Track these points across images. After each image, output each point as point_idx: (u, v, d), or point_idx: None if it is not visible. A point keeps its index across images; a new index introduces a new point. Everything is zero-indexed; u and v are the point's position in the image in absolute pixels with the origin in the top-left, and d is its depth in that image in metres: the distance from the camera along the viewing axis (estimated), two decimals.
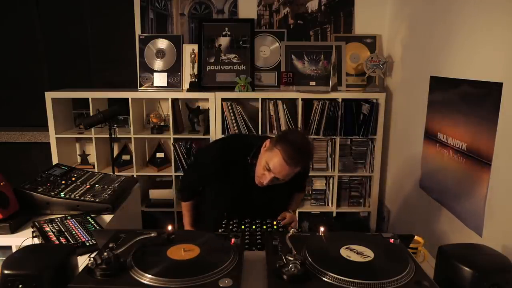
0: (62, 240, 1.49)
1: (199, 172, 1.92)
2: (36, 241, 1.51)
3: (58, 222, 1.62)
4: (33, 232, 1.54)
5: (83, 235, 1.53)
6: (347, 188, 3.15)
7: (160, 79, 3.13)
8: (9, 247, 1.56)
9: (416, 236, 1.41)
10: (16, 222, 1.62)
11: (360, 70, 3.12)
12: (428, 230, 2.26)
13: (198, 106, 3.16)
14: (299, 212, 3.16)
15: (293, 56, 3.14)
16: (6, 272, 1.02)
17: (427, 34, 2.37)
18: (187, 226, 1.97)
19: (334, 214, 3.16)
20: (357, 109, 2.99)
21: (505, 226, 1.56)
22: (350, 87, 3.14)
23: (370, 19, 3.17)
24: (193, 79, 3.07)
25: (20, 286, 1.01)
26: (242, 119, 2.97)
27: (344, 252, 1.12)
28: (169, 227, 1.21)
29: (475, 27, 1.83)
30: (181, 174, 3.02)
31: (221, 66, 3.11)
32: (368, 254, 1.11)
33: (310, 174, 3.09)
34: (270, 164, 1.57)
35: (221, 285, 0.96)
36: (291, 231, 1.24)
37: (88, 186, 1.93)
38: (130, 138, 3.04)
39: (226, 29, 3.12)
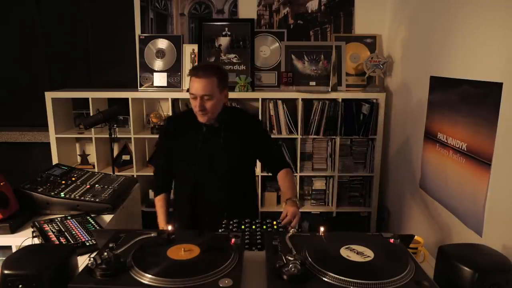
0: (62, 240, 1.49)
1: (160, 146, 2.01)
2: (36, 241, 1.51)
3: (58, 222, 1.62)
4: (33, 232, 1.54)
5: (83, 235, 1.53)
6: (347, 188, 3.15)
7: (160, 79, 3.13)
8: (9, 247, 1.56)
9: (416, 236, 1.41)
10: (16, 222, 1.63)
11: (360, 70, 3.12)
12: (428, 230, 2.26)
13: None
14: None
15: (293, 56, 3.14)
16: (6, 272, 1.02)
17: (427, 34, 2.37)
18: (161, 222, 1.89)
19: (334, 214, 3.16)
20: (357, 109, 2.99)
21: (505, 226, 1.56)
22: (350, 87, 3.14)
23: (370, 19, 3.17)
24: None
25: (20, 286, 1.01)
26: None
27: (344, 252, 1.12)
28: (169, 227, 1.21)
29: (475, 27, 1.83)
30: None
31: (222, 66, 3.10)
32: (368, 254, 1.11)
33: (310, 174, 3.11)
34: (191, 90, 1.73)
35: (221, 285, 0.96)
36: (291, 231, 1.24)
37: (88, 186, 1.93)
38: (130, 138, 3.04)
39: (226, 29, 3.12)
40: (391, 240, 1.21)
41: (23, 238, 1.52)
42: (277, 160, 2.00)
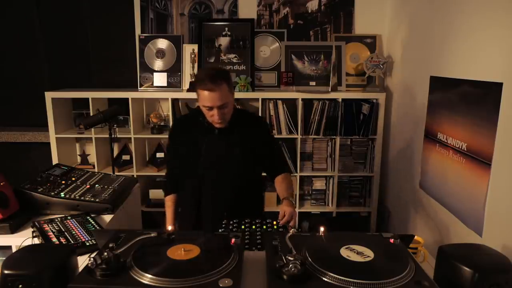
0: (62, 240, 1.49)
1: (170, 147, 2.00)
2: (36, 241, 1.51)
3: (58, 222, 1.62)
4: (33, 232, 1.54)
5: (83, 235, 1.53)
6: (347, 188, 3.15)
7: (160, 79, 3.13)
8: (9, 247, 1.56)
9: (416, 236, 1.41)
10: (16, 222, 1.63)
11: (360, 70, 3.12)
12: (428, 230, 2.26)
13: (198, 106, 3.16)
14: (299, 212, 3.16)
15: (293, 56, 3.14)
16: (6, 272, 1.02)
17: (427, 34, 2.37)
18: (168, 222, 1.94)
19: (334, 214, 3.16)
20: (357, 109, 2.99)
21: (505, 226, 1.56)
22: (350, 87, 3.14)
23: (370, 19, 3.17)
24: (193, 79, 3.07)
25: (20, 286, 1.01)
26: None
27: (344, 252, 1.12)
28: (169, 227, 1.21)
29: (475, 27, 1.83)
30: None
31: (221, 66, 3.10)
32: (368, 254, 1.11)
33: (310, 174, 3.11)
34: (205, 103, 1.70)
35: (221, 285, 0.96)
36: (291, 231, 1.24)
37: (88, 186, 1.93)
38: (130, 138, 3.04)
39: (226, 29, 3.12)
40: (391, 240, 1.21)
41: (23, 238, 1.52)
42: (279, 165, 2.00)
